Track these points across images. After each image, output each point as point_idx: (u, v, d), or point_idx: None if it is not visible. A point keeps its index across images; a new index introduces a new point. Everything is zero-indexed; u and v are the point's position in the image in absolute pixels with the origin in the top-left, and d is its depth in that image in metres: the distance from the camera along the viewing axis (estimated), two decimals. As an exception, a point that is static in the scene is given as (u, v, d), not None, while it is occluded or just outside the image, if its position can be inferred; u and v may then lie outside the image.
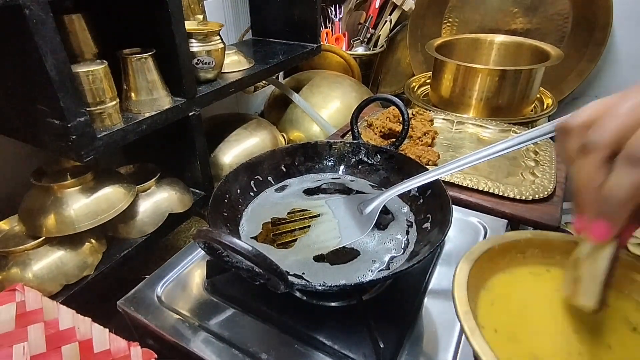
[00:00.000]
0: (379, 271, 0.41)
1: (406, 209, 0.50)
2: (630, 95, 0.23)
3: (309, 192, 0.53)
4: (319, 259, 0.42)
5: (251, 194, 0.52)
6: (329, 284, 0.35)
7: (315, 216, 0.48)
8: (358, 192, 0.52)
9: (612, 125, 0.22)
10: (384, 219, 0.48)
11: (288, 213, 0.49)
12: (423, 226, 0.46)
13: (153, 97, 0.51)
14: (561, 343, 0.29)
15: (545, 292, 0.33)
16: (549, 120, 0.87)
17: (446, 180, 0.59)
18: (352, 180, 0.56)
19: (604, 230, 0.24)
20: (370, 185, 0.55)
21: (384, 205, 0.46)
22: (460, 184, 0.59)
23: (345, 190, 0.53)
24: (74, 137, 0.41)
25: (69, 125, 0.41)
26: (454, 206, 0.42)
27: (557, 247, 0.35)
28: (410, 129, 0.70)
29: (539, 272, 0.35)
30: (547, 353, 0.28)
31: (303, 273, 0.41)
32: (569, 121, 0.25)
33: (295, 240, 0.45)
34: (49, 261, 0.46)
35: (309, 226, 0.47)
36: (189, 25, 0.59)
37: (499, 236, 0.35)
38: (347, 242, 0.44)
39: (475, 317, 0.27)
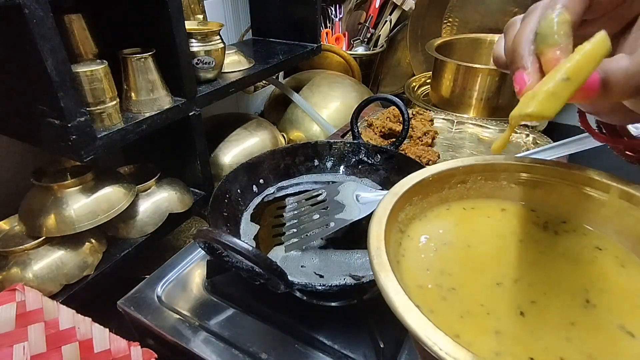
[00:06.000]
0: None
1: None
2: None
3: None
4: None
5: (251, 193, 0.52)
6: (329, 284, 0.35)
7: (314, 198, 0.48)
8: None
9: None
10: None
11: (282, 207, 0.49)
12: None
13: (153, 97, 0.51)
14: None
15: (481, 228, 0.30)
16: (549, 121, 0.87)
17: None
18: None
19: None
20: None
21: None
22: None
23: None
24: (74, 137, 0.41)
25: (69, 125, 0.41)
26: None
27: (502, 170, 0.31)
28: (410, 129, 0.70)
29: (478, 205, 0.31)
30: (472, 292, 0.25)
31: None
32: None
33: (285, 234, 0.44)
34: (49, 261, 0.46)
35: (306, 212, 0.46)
36: (189, 25, 0.59)
37: (434, 166, 0.31)
38: (337, 227, 0.43)
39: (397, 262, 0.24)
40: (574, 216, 0.30)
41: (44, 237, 0.46)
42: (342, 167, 0.58)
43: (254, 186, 0.53)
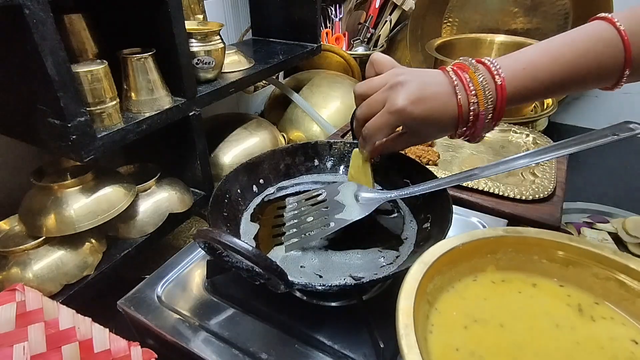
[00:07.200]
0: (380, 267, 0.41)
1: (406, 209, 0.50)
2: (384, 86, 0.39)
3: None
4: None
5: (251, 193, 0.52)
6: (329, 284, 0.35)
7: (314, 198, 0.47)
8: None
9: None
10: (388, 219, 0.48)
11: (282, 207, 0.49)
12: (423, 226, 0.46)
13: (153, 97, 0.51)
14: None
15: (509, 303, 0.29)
16: (549, 121, 0.87)
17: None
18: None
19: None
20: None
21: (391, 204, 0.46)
22: (460, 183, 0.59)
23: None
24: (74, 137, 0.41)
25: (69, 125, 0.41)
26: (454, 206, 0.42)
27: (535, 244, 0.31)
28: (410, 129, 0.70)
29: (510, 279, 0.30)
30: None
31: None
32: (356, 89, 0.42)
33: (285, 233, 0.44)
34: (49, 261, 0.46)
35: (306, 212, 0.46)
36: (189, 25, 0.59)
37: (465, 234, 0.30)
38: (337, 227, 0.43)
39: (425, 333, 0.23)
40: (608, 300, 0.29)
41: (44, 237, 0.46)
42: (342, 167, 0.58)
43: (254, 186, 0.53)
